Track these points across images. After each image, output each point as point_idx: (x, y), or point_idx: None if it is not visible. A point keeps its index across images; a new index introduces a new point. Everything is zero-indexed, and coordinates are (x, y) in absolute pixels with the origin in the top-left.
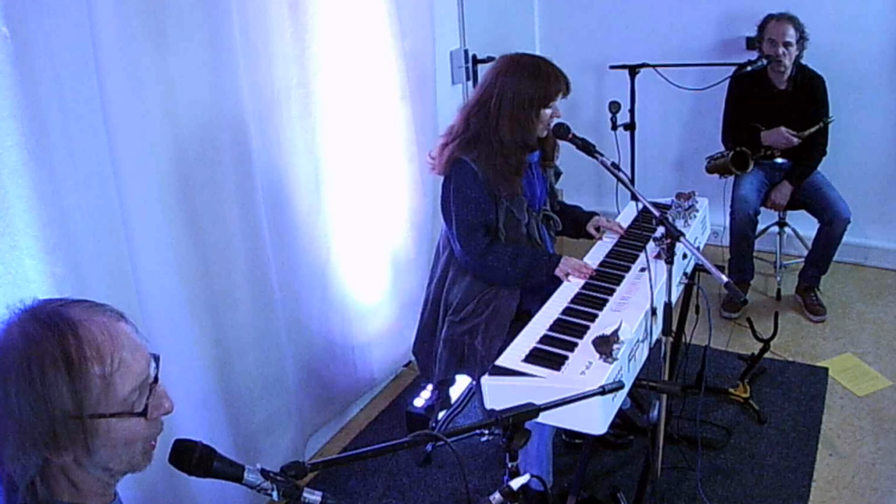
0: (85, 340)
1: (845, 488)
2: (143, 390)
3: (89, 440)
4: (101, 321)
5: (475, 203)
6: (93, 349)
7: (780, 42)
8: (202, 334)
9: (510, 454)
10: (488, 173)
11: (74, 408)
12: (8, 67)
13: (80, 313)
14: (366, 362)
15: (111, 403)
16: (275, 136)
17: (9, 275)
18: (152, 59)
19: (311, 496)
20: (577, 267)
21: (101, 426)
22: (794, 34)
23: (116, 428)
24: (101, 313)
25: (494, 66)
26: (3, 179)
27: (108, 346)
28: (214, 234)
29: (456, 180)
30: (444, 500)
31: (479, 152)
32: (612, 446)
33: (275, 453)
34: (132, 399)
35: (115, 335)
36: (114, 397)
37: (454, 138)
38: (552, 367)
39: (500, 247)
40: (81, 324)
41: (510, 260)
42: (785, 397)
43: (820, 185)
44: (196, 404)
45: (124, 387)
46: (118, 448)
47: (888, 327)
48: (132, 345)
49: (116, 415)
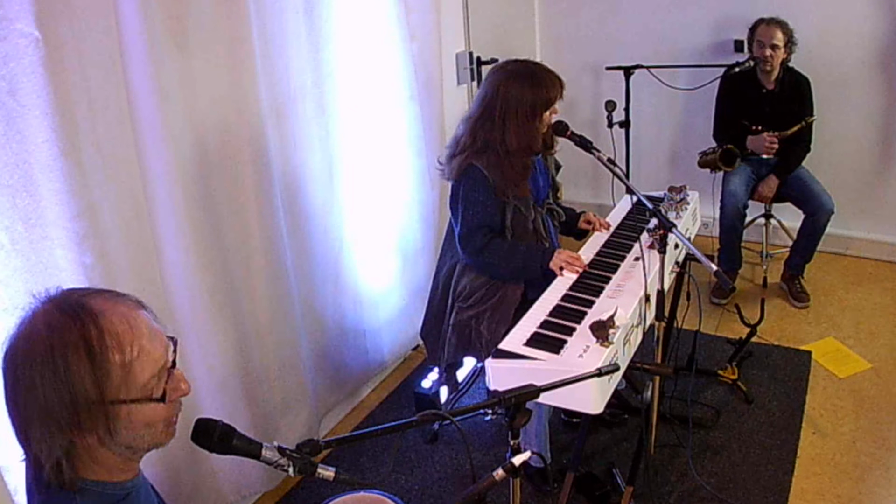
0: (106, 330)
1: (827, 464)
2: (162, 375)
3: (111, 424)
4: (121, 311)
5: (482, 206)
6: (113, 338)
7: (767, 44)
8: (222, 320)
9: (512, 432)
10: (497, 179)
11: (96, 394)
12: (39, 68)
13: (102, 303)
14: (376, 346)
15: (131, 389)
16: (291, 133)
17: (40, 264)
18: (175, 61)
19: (325, 471)
20: (570, 260)
21: (121, 411)
22: (783, 38)
23: (136, 412)
24: (122, 303)
25: (494, 78)
26: (34, 174)
27: (128, 335)
28: (234, 226)
29: (466, 183)
30: (450, 475)
31: (488, 160)
32: (608, 425)
33: (290, 431)
34: (151, 385)
35: (134, 324)
36: (133, 384)
37: (462, 151)
38: (552, 350)
39: (496, 244)
40: (103, 314)
41: (505, 256)
42: (771, 379)
43: (805, 180)
44: (217, 385)
45: (143, 374)
46: (139, 430)
47: (868, 313)
48: (151, 332)
49: (136, 400)
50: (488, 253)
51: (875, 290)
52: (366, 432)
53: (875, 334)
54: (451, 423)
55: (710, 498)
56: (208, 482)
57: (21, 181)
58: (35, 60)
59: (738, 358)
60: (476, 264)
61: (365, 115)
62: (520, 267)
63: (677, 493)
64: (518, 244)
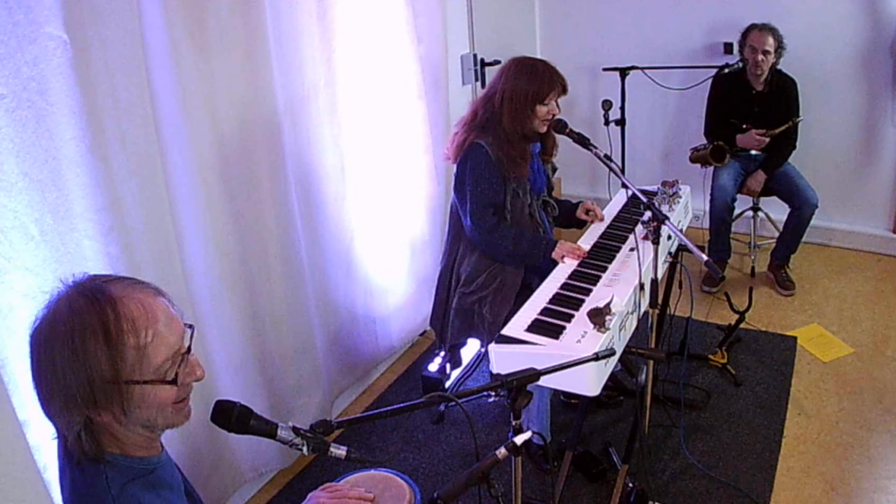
0: (123, 314)
1: (812, 443)
2: (176, 360)
3: (125, 403)
4: (139, 297)
5: (488, 182)
6: (129, 322)
7: (760, 50)
8: (240, 307)
9: (514, 413)
10: (500, 157)
11: (111, 374)
12: (68, 70)
13: (121, 289)
14: (386, 332)
15: (145, 371)
16: (304, 130)
17: (69, 254)
18: (195, 62)
19: (338, 450)
20: (572, 250)
21: (135, 391)
22: (774, 43)
23: (149, 393)
24: (141, 289)
25: (502, 67)
26: (63, 169)
27: (143, 320)
28: (251, 218)
29: (472, 160)
30: (455, 454)
31: (491, 138)
32: (605, 406)
33: (305, 412)
34: (165, 368)
35: (151, 310)
36: (147, 366)
37: (464, 125)
38: (552, 336)
39: (505, 228)
40: (121, 299)
41: (513, 240)
42: (758, 363)
43: (791, 175)
44: (235, 369)
45: (158, 357)
46: (152, 410)
47: (850, 301)
48: (167, 318)
49: (149, 382)
50: (499, 234)
51: (857, 279)
52: (376, 413)
53: (857, 321)
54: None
55: (700, 475)
56: (227, 460)
57: (50, 176)
58: (63, 62)
59: (728, 343)
60: (485, 244)
61: (374, 114)
62: (525, 252)
63: (670, 471)
64: (525, 231)
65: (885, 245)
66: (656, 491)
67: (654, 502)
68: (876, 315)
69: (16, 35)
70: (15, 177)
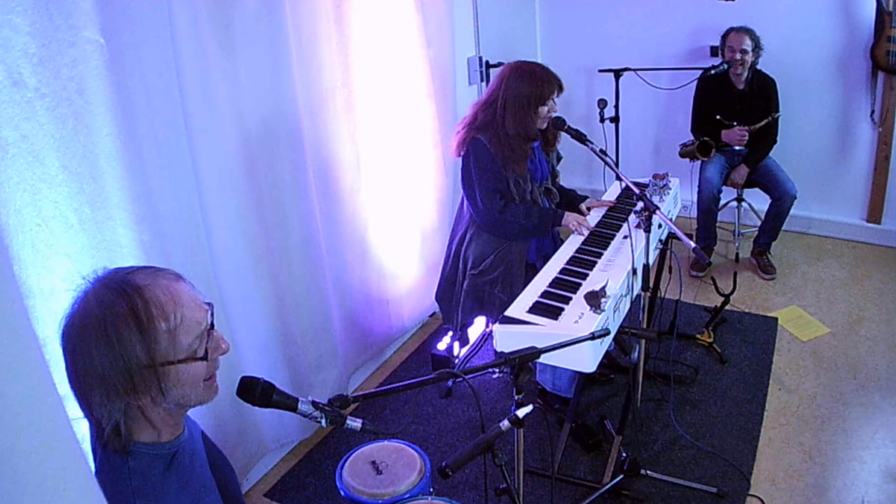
0: (151, 302)
1: (792, 416)
2: (203, 337)
3: (162, 384)
4: (162, 284)
5: (491, 172)
6: (158, 308)
7: (737, 49)
8: (264, 290)
9: (516, 388)
10: (498, 153)
11: (147, 359)
12: (104, 70)
13: (144, 279)
14: (398, 313)
15: (178, 351)
16: (323, 127)
17: (105, 241)
18: (222, 64)
19: (353, 423)
20: (579, 220)
21: (170, 371)
22: (750, 43)
23: (183, 371)
24: (162, 276)
25: (501, 72)
26: (100, 162)
27: (170, 304)
28: (273, 208)
29: (474, 154)
30: (462, 426)
31: (489, 136)
32: (600, 382)
33: (323, 388)
34: (194, 346)
35: (175, 294)
36: (179, 346)
37: (465, 126)
38: (551, 316)
39: (514, 205)
40: (146, 288)
41: (524, 214)
42: (742, 342)
43: (772, 168)
44: (259, 347)
45: (187, 337)
46: (186, 387)
47: (827, 284)
48: (191, 300)
49: (182, 361)
50: (510, 212)
51: (833, 265)
52: (389, 388)
53: (833, 303)
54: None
55: (688, 446)
56: (251, 432)
57: (88, 169)
58: (100, 64)
59: (714, 323)
60: (498, 224)
61: (387, 112)
62: (536, 224)
63: (660, 442)
64: (533, 206)
65: (860, 233)
66: (648, 460)
67: (646, 470)
68: (851, 297)
69: (56, 39)
70: (56, 170)
